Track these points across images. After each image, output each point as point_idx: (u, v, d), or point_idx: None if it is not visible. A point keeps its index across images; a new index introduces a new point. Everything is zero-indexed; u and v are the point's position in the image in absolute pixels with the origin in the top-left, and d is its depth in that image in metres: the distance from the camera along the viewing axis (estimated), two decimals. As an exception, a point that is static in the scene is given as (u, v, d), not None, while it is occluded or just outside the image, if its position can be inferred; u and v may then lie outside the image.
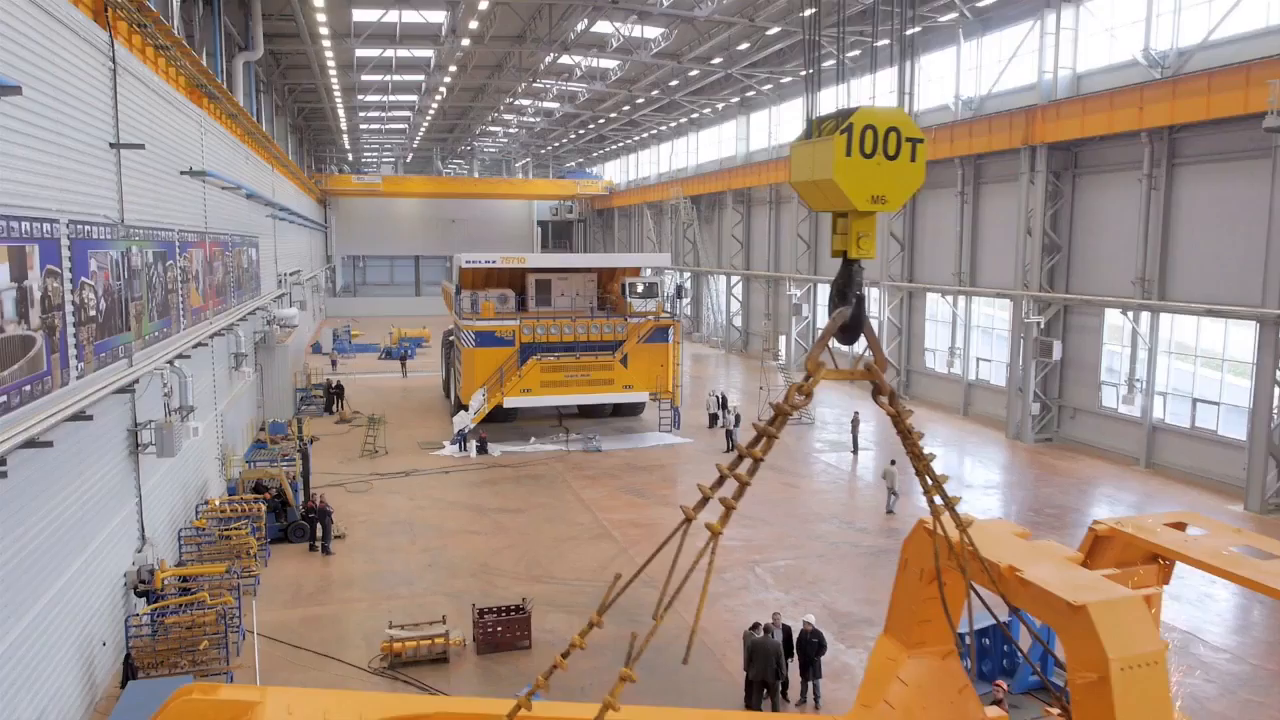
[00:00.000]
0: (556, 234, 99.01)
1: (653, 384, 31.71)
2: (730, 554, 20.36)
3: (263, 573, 18.70)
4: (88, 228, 13.73)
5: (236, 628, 15.45)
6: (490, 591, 18.01)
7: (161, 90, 18.96)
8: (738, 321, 59.24)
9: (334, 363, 49.57)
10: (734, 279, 59.15)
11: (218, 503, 19.27)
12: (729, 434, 30.26)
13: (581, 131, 76.23)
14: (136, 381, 15.86)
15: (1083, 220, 30.70)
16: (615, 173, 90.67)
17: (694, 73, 49.48)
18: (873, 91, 39.52)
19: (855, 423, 30.39)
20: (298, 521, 20.76)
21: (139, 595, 15.18)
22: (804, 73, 44.20)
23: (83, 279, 13.39)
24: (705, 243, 63.27)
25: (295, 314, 39.86)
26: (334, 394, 37.17)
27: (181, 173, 20.90)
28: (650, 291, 32.71)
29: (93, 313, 13.85)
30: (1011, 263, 33.08)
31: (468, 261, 31.60)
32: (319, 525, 20.31)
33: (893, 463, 23.64)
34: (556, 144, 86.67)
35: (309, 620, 16.72)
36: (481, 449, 29.78)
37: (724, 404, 34.48)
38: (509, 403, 30.48)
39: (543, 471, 27.89)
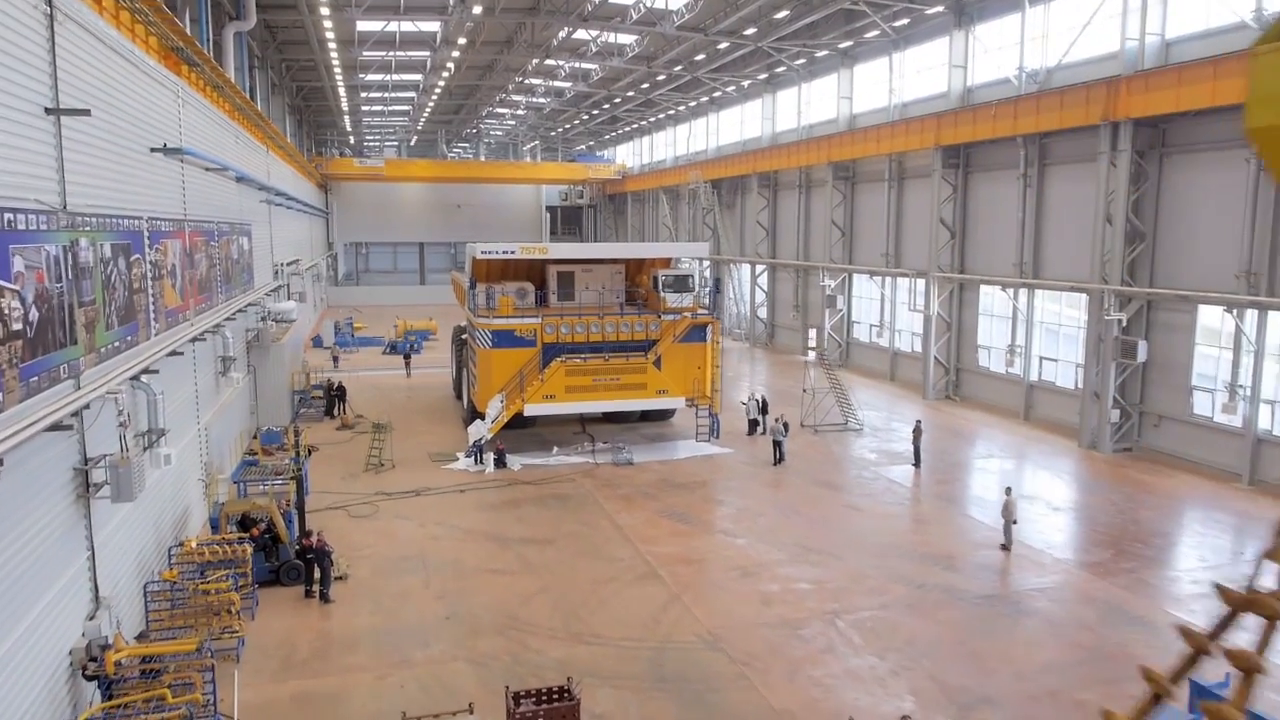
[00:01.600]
0: (565, 220, 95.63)
1: (689, 388, 28.47)
2: (802, 600, 17.24)
3: (248, 629, 15.59)
4: (9, 216, 10.56)
5: (211, 716, 12.36)
6: (522, 656, 14.90)
7: (122, 49, 15.72)
8: (762, 313, 55.98)
9: (336, 359, 46.34)
10: (759, 268, 55.86)
11: (195, 544, 16.14)
12: (777, 445, 27.00)
13: (595, 112, 72.83)
14: (87, 407, 12.74)
15: (1172, 206, 27.38)
16: (628, 156, 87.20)
17: (723, 45, 46.01)
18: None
19: (918, 432, 27.16)
20: (291, 562, 17.64)
21: (88, 679, 12.08)
22: None
23: (0, 283, 10.22)
24: (727, 229, 59.94)
25: (293, 308, 36.70)
26: (335, 396, 34.01)
27: (152, 150, 17.68)
28: (684, 284, 29.41)
29: (18, 326, 10.67)
30: (1084, 253, 29.81)
31: (483, 252, 28.28)
32: (316, 567, 17.17)
33: (1008, 490, 20.42)
34: (566, 126, 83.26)
35: (302, 699, 13.59)
36: (500, 462, 26.65)
37: (764, 408, 31.36)
38: (530, 410, 27.29)
39: (569, 490, 24.74)
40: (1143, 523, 22.08)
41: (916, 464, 26.90)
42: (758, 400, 31.53)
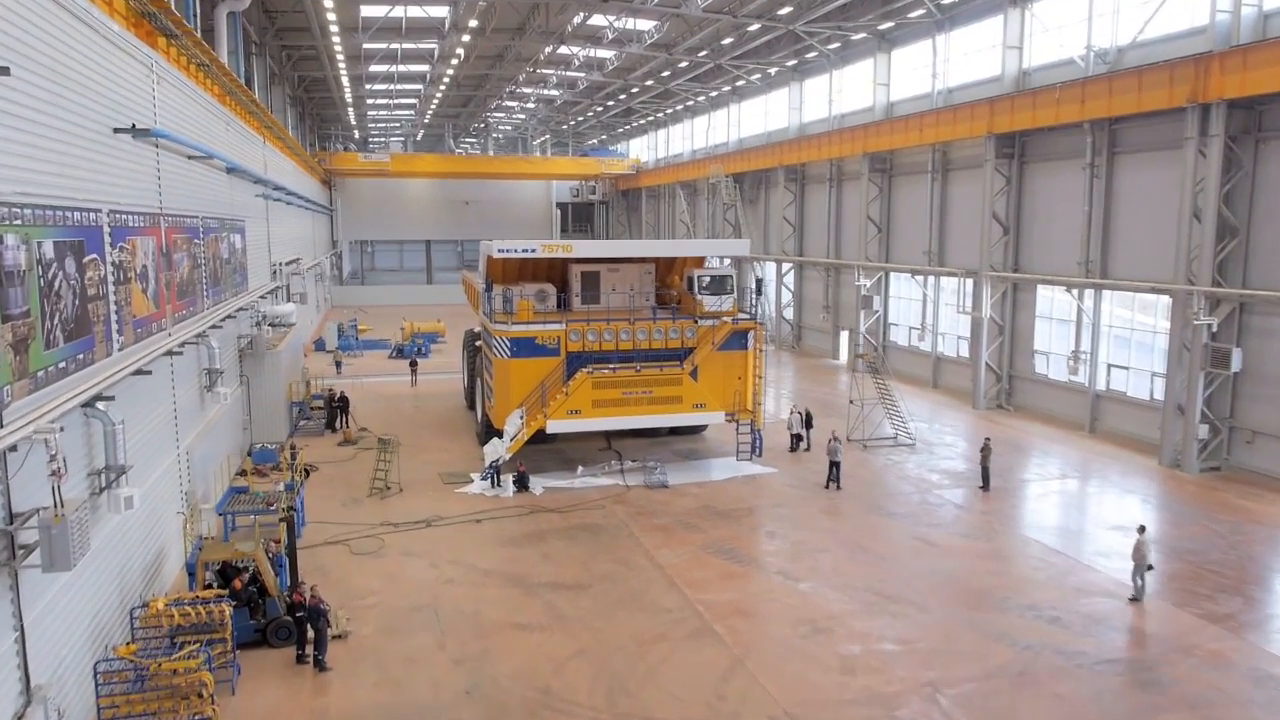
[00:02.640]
0: (576, 217, 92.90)
1: (729, 401, 25.63)
2: (890, 666, 14.41)
3: (226, 709, 12.81)
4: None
5: None
6: (561, 748, 12.12)
7: (72, 4, 12.93)
8: (788, 314, 53.12)
9: (339, 364, 43.55)
10: (785, 266, 53.00)
11: (163, 605, 13.37)
12: (834, 465, 24.11)
13: (609, 104, 69.97)
14: (13, 449, 10.01)
15: (1271, 197, 24.46)
16: (642, 150, 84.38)
17: (752, 28, 43.09)
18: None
19: (986, 451, 24.31)
20: (280, 619, 14.88)
21: (7, 808, 9.35)
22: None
23: None
24: (749, 226, 57.04)
25: (292, 310, 34.04)
26: (337, 408, 31.22)
27: (117, 130, 14.94)
28: (723, 286, 26.56)
29: (-103, 353, 7.95)
30: (1164, 250, 26.92)
31: (500, 251, 25.41)
32: (310, 627, 14.41)
33: (1142, 529, 17.53)
34: (578, 119, 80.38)
35: (289, 815, 10.85)
36: (520, 484, 23.88)
37: (808, 421, 28.53)
38: (553, 427, 24.48)
39: (599, 519, 21.94)
40: (1259, 560, 19.22)
41: (985, 486, 24.06)
42: (801, 413, 28.69)
